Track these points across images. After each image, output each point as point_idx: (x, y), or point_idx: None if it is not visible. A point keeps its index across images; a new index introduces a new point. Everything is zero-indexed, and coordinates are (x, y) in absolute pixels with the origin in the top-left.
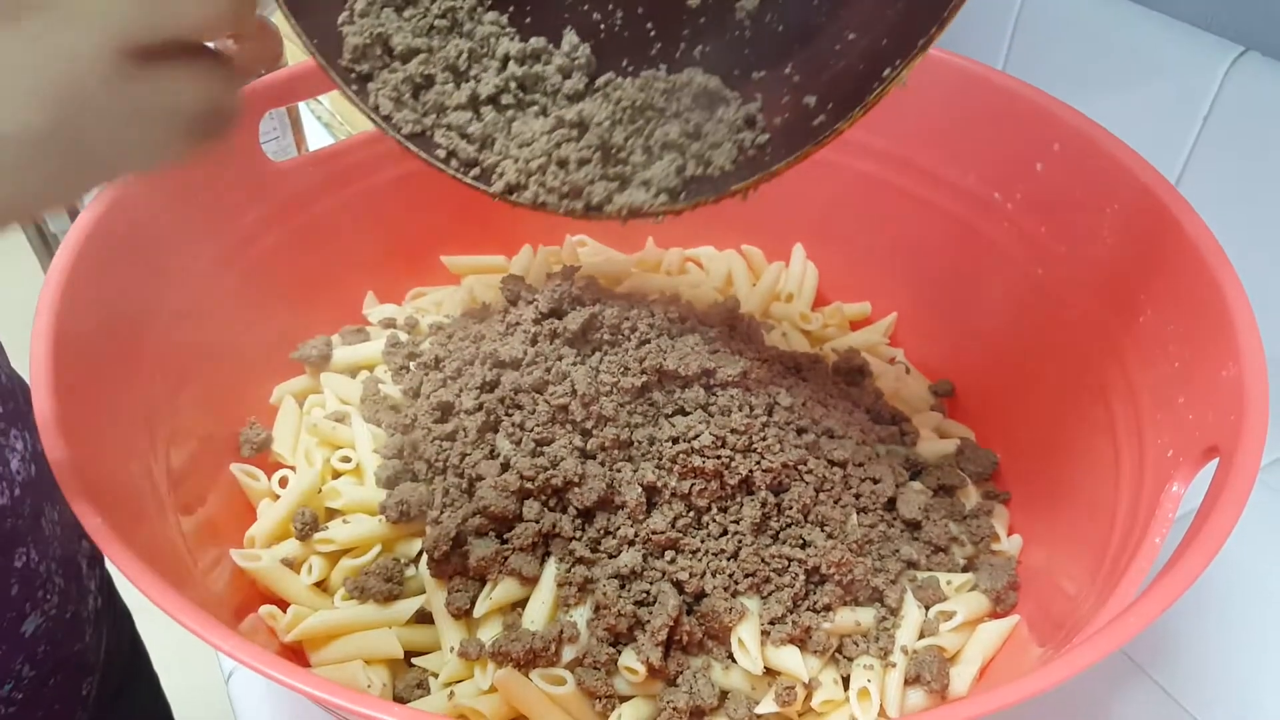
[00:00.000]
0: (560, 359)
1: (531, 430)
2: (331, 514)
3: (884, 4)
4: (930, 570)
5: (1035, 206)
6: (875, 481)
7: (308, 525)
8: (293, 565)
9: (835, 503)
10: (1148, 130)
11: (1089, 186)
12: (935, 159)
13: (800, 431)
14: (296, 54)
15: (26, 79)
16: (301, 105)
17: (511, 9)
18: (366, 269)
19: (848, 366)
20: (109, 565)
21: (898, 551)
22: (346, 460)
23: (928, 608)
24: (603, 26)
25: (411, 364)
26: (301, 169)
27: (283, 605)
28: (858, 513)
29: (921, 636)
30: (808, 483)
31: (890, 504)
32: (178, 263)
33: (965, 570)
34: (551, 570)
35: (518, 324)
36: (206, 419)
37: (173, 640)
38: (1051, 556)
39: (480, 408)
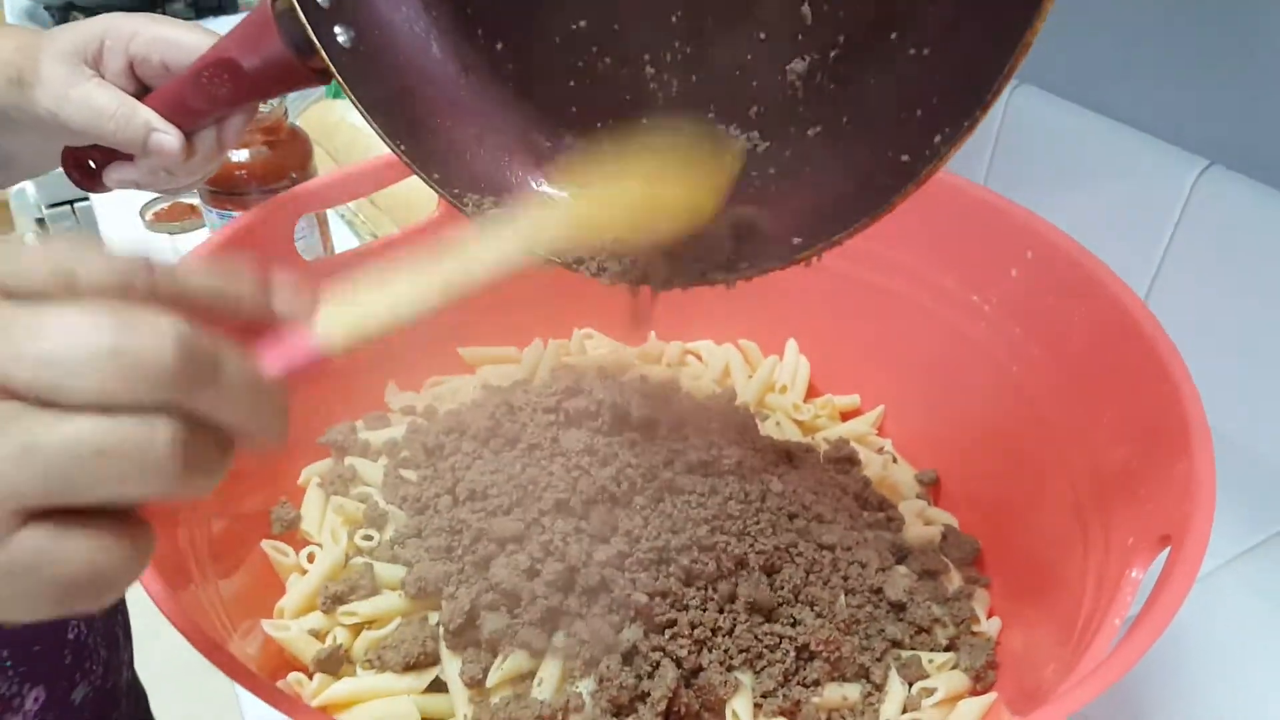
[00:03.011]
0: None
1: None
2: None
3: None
4: (914, 649)
5: (1011, 309)
6: (862, 565)
7: (332, 600)
8: (318, 635)
9: (824, 584)
10: (1121, 239)
11: (1059, 293)
12: (918, 262)
13: (792, 516)
14: (325, 159)
15: None
16: None
17: None
18: (388, 359)
19: (838, 455)
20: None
21: (883, 631)
22: (369, 539)
23: (911, 684)
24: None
25: (429, 449)
26: (330, 267)
27: (308, 672)
28: (845, 594)
29: (904, 712)
30: (798, 564)
31: (877, 586)
32: None
33: (947, 650)
34: (559, 644)
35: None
36: (243, 496)
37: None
38: (1028, 637)
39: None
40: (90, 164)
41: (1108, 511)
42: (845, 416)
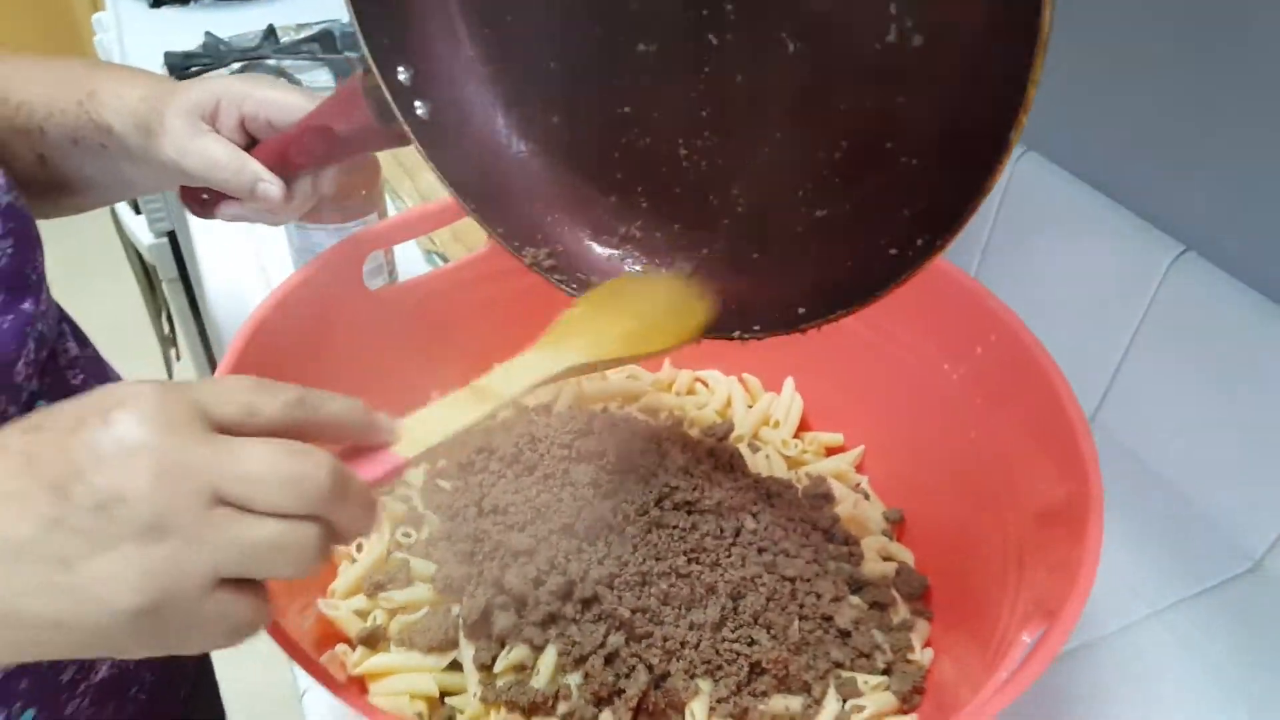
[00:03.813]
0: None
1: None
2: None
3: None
4: (853, 671)
5: (974, 381)
6: (818, 595)
7: (374, 586)
8: (361, 615)
9: (782, 610)
10: (1100, 310)
11: (1012, 376)
12: (904, 329)
13: (760, 551)
14: (387, 159)
15: (140, 576)
16: None
17: None
18: (431, 370)
19: (815, 492)
20: None
21: (828, 653)
22: (407, 535)
23: (845, 701)
24: None
25: (462, 464)
26: (395, 295)
27: (352, 644)
28: (799, 620)
29: None
30: (760, 593)
31: (829, 615)
32: (293, 372)
33: (883, 673)
34: (555, 642)
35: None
36: None
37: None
38: (954, 669)
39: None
40: (204, 197)
41: (1023, 576)
42: (830, 451)
